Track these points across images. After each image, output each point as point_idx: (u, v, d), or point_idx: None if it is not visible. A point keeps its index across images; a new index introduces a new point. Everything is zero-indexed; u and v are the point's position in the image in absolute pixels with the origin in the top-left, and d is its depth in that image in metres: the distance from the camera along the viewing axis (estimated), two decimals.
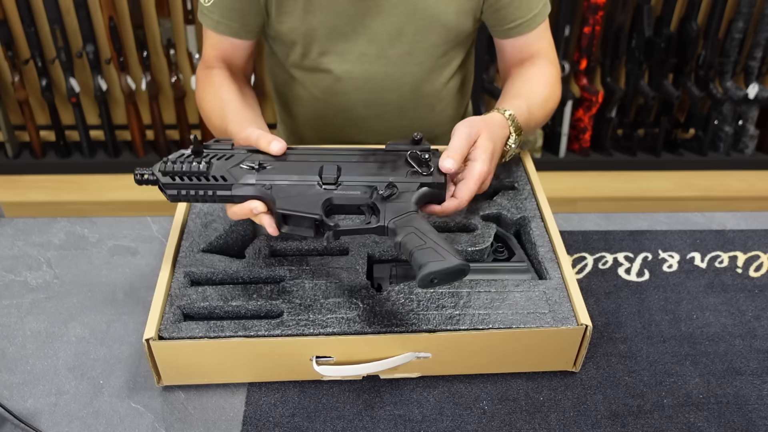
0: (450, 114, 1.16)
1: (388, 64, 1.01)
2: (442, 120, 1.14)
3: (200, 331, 0.77)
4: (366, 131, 1.10)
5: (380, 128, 1.10)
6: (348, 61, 1.01)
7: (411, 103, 1.07)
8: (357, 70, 1.02)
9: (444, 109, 1.13)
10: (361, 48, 0.99)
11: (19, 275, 0.97)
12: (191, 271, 0.85)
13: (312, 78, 1.05)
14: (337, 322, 0.79)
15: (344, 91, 1.05)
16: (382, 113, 1.08)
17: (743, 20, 2.13)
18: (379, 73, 1.02)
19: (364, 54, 1.00)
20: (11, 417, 0.77)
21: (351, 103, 1.06)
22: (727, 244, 1.05)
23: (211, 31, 1.00)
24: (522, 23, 0.99)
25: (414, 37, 0.99)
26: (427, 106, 1.09)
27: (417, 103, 1.07)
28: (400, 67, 1.02)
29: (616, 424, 0.78)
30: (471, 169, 0.79)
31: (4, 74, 2.16)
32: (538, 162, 2.29)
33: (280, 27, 0.98)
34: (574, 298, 0.82)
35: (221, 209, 0.94)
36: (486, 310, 0.80)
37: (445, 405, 0.80)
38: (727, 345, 0.89)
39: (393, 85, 1.04)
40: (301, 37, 0.99)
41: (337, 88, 1.05)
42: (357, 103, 1.06)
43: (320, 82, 1.05)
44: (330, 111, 1.08)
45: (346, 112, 1.08)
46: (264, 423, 0.78)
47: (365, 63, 1.01)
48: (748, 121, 2.32)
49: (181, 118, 2.22)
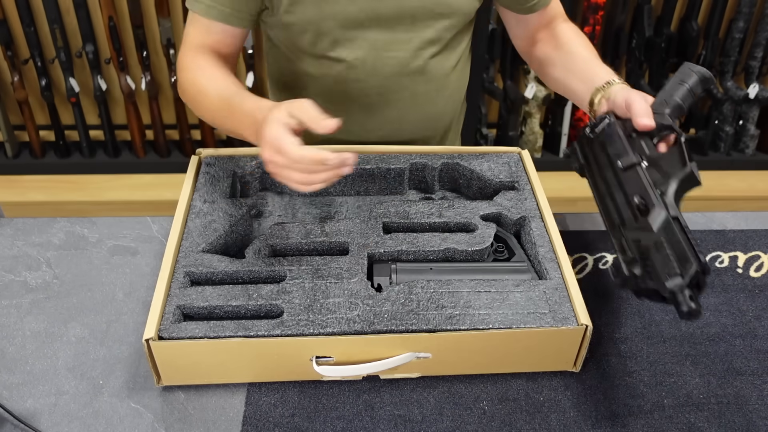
0: (456, 99, 1.16)
1: (401, 49, 1.01)
2: (449, 107, 1.14)
3: (200, 331, 0.77)
4: (379, 118, 1.09)
5: (393, 115, 1.09)
6: (361, 48, 1.00)
7: (423, 87, 1.07)
8: (370, 57, 1.01)
9: (452, 94, 1.13)
10: (374, 35, 0.99)
11: (19, 275, 0.97)
12: (191, 271, 0.85)
13: (322, 66, 1.03)
14: (337, 322, 0.79)
15: (357, 78, 1.03)
16: (396, 100, 1.07)
17: (743, 20, 2.13)
18: (392, 59, 1.02)
19: (376, 40, 0.99)
20: (11, 417, 0.77)
21: (365, 91, 1.05)
22: (727, 244, 1.05)
23: (200, 16, 0.96)
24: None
25: (426, 22, 0.99)
26: (437, 91, 1.09)
27: (428, 87, 1.07)
28: (413, 53, 1.02)
29: (616, 424, 0.78)
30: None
31: (4, 74, 2.16)
32: (538, 162, 2.28)
33: (289, 17, 0.97)
34: (574, 298, 0.82)
35: (221, 209, 0.94)
36: (486, 310, 0.80)
37: (445, 405, 0.80)
38: (727, 345, 0.89)
39: (406, 70, 1.03)
40: (313, 27, 0.97)
41: (350, 76, 1.03)
42: (370, 91, 1.05)
43: (331, 70, 1.03)
44: (342, 98, 1.07)
45: (359, 99, 1.06)
46: (264, 423, 0.78)
47: (378, 49, 1.00)
48: (749, 121, 2.32)
49: (181, 118, 2.21)
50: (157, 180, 2.25)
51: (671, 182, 0.76)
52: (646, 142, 0.82)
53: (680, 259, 0.66)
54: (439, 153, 1.05)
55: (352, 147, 1.05)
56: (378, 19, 0.97)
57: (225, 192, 0.98)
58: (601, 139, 0.85)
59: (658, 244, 0.69)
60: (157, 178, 2.26)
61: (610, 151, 0.83)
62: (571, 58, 1.01)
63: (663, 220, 0.70)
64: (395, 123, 1.10)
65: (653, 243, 0.69)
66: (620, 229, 0.75)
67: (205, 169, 1.01)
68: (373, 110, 1.08)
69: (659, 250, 0.68)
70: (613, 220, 0.77)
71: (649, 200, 0.73)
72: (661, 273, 0.65)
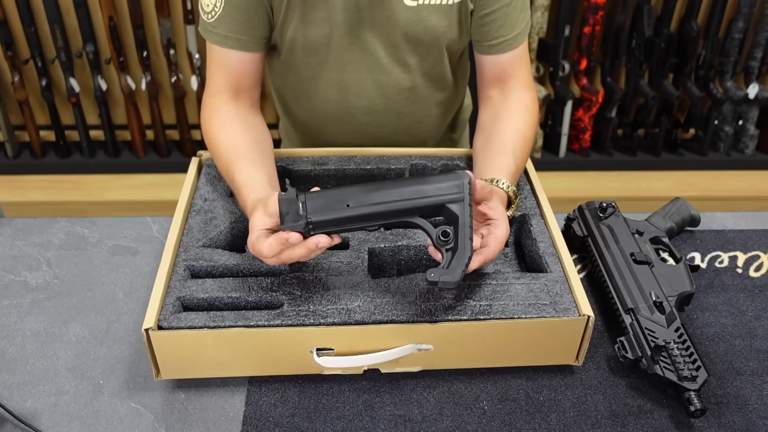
0: (446, 118, 1.17)
1: (384, 73, 1.02)
2: (437, 123, 1.15)
3: (200, 321, 0.77)
4: (364, 136, 1.11)
5: (378, 133, 1.11)
6: (345, 72, 1.02)
7: (408, 108, 1.08)
8: (354, 80, 1.03)
9: (440, 114, 1.13)
10: (358, 58, 1.00)
11: (19, 275, 0.97)
12: (191, 264, 0.85)
13: (310, 86, 1.05)
14: (337, 312, 0.79)
15: (343, 99, 1.05)
16: (380, 119, 1.08)
17: (743, 20, 2.13)
18: (376, 81, 1.03)
19: (360, 64, 1.01)
20: (11, 417, 0.77)
21: (350, 111, 1.07)
22: (726, 244, 1.05)
23: (219, 47, 0.96)
24: (503, 42, 0.99)
25: (408, 47, 0.99)
26: (423, 111, 1.10)
27: (413, 108, 1.08)
28: (396, 76, 1.03)
29: (616, 424, 0.78)
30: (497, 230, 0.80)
31: (4, 74, 2.16)
32: (538, 162, 2.29)
33: (282, 37, 0.98)
34: (575, 290, 0.82)
35: (222, 207, 0.94)
36: (487, 301, 0.80)
37: (445, 405, 0.80)
38: (727, 345, 0.89)
39: (390, 92, 1.05)
40: (300, 47, 0.98)
41: (336, 96, 1.05)
42: (356, 111, 1.07)
43: (319, 90, 1.05)
44: (329, 117, 1.09)
45: (344, 118, 1.08)
46: (264, 423, 0.78)
47: (362, 72, 1.02)
48: (748, 121, 2.32)
49: (181, 118, 2.22)
50: (157, 180, 2.25)
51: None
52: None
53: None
54: (439, 154, 1.06)
55: (352, 149, 1.06)
56: (361, 43, 0.98)
57: (226, 191, 0.98)
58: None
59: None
60: (157, 178, 2.26)
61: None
62: (492, 138, 0.97)
63: None
64: (381, 140, 1.12)
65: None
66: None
67: (206, 170, 1.01)
68: (360, 128, 1.11)
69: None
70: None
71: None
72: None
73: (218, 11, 0.93)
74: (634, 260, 0.92)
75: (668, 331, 0.83)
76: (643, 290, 0.88)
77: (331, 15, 0.95)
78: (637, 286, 0.89)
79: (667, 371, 0.79)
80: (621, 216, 1.00)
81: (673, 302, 0.87)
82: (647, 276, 0.90)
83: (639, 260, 0.92)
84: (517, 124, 0.98)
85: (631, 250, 0.94)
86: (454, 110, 1.19)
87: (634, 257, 0.93)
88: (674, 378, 0.78)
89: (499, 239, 0.79)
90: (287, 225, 0.72)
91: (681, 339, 0.82)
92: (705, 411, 0.77)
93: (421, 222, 0.75)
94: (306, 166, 1.03)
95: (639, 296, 0.87)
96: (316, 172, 1.03)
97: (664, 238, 0.98)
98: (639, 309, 0.86)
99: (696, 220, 1.06)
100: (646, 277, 0.90)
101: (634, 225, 0.99)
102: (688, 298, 0.91)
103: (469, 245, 0.73)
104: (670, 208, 1.05)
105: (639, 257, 0.93)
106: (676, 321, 0.83)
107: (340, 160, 1.04)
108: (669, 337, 0.82)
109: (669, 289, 0.89)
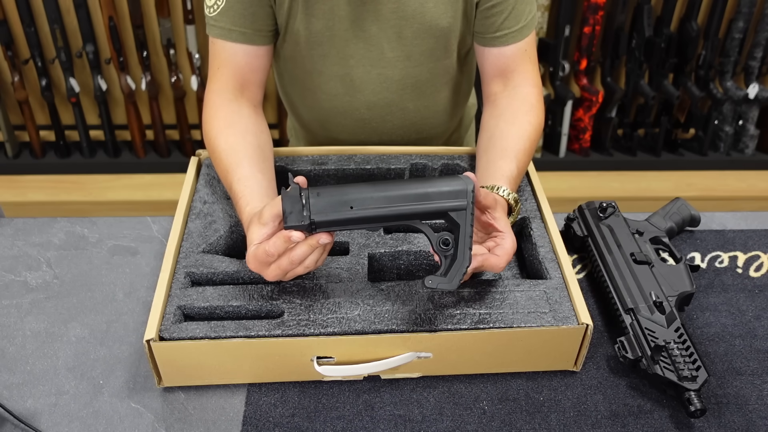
0: (451, 113, 1.16)
1: (388, 67, 1.01)
2: (444, 120, 1.14)
3: (201, 332, 0.77)
4: (369, 131, 1.10)
5: (384, 129, 1.10)
6: (349, 66, 1.01)
7: (412, 103, 1.07)
8: (358, 74, 1.02)
9: (446, 110, 1.13)
10: (362, 52, 0.99)
11: (19, 275, 0.97)
12: (192, 271, 0.85)
13: (315, 80, 1.05)
14: (337, 322, 0.79)
15: (347, 93, 1.05)
16: (385, 114, 1.08)
17: (743, 20, 2.13)
18: (380, 75, 1.02)
19: (364, 57, 1.00)
20: (11, 417, 0.77)
21: (354, 105, 1.06)
22: (726, 244, 1.05)
23: (222, 41, 0.95)
24: (508, 33, 0.98)
25: (412, 41, 0.99)
26: (428, 107, 1.09)
27: (418, 103, 1.08)
28: (400, 70, 1.02)
29: (616, 424, 0.78)
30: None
31: (4, 74, 2.16)
32: (538, 162, 2.29)
33: (286, 29, 0.98)
34: (574, 298, 0.82)
35: (221, 210, 0.94)
36: (487, 310, 0.80)
37: (445, 405, 0.80)
38: (727, 345, 0.89)
39: (394, 87, 1.04)
40: (304, 40, 0.98)
41: (340, 91, 1.05)
42: (360, 105, 1.06)
43: (323, 84, 1.05)
44: (334, 112, 1.08)
45: (349, 113, 1.08)
46: (264, 423, 0.78)
47: (366, 66, 1.01)
48: (749, 121, 2.32)
49: (180, 118, 2.22)
50: (157, 180, 2.25)
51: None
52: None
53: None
54: (439, 153, 1.05)
55: (352, 148, 1.06)
56: (365, 36, 0.98)
57: (225, 193, 0.98)
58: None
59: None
60: (157, 178, 2.26)
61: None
62: (494, 139, 0.96)
63: None
64: (386, 135, 1.11)
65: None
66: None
67: (206, 171, 1.01)
68: (364, 123, 1.10)
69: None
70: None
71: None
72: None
73: (221, 4, 0.93)
74: (634, 260, 0.92)
75: (668, 331, 0.83)
76: (643, 290, 0.88)
77: (335, 7, 0.94)
78: (637, 286, 0.89)
79: (667, 371, 0.79)
80: (621, 216, 1.00)
81: (673, 302, 0.87)
82: (647, 276, 0.90)
83: (639, 260, 0.92)
84: (521, 125, 0.97)
85: (631, 250, 0.94)
86: (461, 107, 1.19)
87: (634, 257, 0.93)
88: (674, 378, 0.78)
89: (507, 251, 0.79)
90: (290, 224, 0.72)
91: (681, 339, 0.82)
92: (705, 411, 0.77)
93: (423, 227, 0.75)
94: (306, 165, 1.03)
95: (639, 296, 0.87)
96: (315, 172, 1.03)
97: (664, 238, 0.98)
98: (639, 309, 0.86)
99: (696, 220, 1.06)
100: (646, 277, 0.90)
101: (634, 225, 0.99)
102: (688, 298, 0.91)
103: (468, 255, 0.73)
104: (670, 208, 1.05)
105: (639, 257, 0.93)
106: (676, 321, 0.83)
107: (339, 159, 1.04)
108: (669, 337, 0.82)
109: (669, 289, 0.89)
